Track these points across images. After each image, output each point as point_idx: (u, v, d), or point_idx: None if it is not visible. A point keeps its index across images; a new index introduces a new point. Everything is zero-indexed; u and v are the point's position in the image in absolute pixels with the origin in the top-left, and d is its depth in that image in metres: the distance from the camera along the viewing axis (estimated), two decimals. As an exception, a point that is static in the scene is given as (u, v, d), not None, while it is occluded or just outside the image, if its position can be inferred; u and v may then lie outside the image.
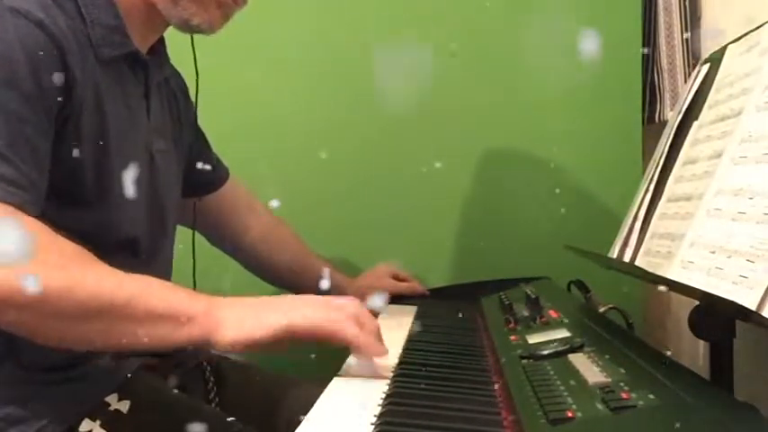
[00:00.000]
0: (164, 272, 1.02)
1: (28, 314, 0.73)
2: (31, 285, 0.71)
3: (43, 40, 0.78)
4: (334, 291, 1.34)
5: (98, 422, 0.83)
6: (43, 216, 0.81)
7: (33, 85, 0.77)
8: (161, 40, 1.02)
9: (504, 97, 1.48)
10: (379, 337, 0.82)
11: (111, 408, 0.85)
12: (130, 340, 0.77)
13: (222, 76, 1.26)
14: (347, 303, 0.83)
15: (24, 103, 0.76)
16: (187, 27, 0.94)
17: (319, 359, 0.84)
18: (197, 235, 1.22)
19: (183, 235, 1.19)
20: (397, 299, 1.35)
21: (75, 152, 0.83)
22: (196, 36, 1.04)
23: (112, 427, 0.83)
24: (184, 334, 0.77)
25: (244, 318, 0.78)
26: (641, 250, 0.96)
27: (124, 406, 0.85)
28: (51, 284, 0.72)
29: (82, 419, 0.83)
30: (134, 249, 0.93)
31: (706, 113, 0.94)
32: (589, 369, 0.72)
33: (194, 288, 1.16)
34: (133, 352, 0.90)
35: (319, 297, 0.83)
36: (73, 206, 0.84)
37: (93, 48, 0.85)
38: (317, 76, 1.48)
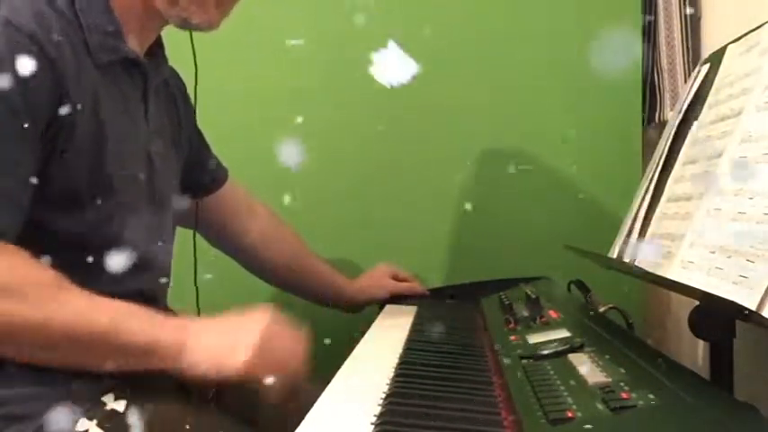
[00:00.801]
0: (162, 274, 1.02)
1: (6, 346, 0.78)
2: (10, 319, 0.75)
3: (34, 53, 0.78)
4: (335, 291, 1.34)
5: (94, 421, 0.83)
6: (39, 221, 0.82)
7: (20, 99, 0.77)
8: (159, 42, 1.02)
9: (504, 97, 1.48)
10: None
11: (108, 407, 0.85)
12: (112, 367, 0.83)
13: (221, 77, 1.27)
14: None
15: (9, 116, 0.77)
16: (186, 26, 0.95)
17: (319, 359, 0.84)
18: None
19: (183, 236, 1.19)
20: (397, 299, 1.35)
21: (73, 158, 0.83)
22: (195, 36, 1.05)
23: (109, 426, 0.83)
24: (156, 365, 0.83)
25: (213, 351, 0.83)
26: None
27: (120, 405, 0.85)
28: (28, 320, 0.76)
29: (79, 418, 0.83)
30: (132, 252, 0.93)
31: (706, 113, 0.94)
32: (589, 369, 0.72)
33: (196, 287, 1.17)
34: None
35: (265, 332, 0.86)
36: (70, 210, 0.84)
37: (90, 54, 0.86)
38: (318, 76, 1.48)
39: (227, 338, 0.84)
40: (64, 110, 0.81)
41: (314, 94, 1.47)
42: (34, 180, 0.81)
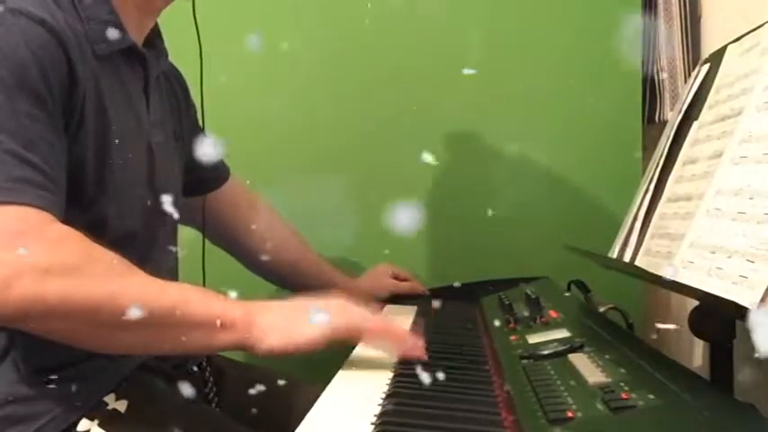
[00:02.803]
0: (166, 267, 1.02)
1: (71, 323, 0.74)
2: (76, 296, 0.73)
3: (47, 39, 0.78)
4: (335, 291, 1.34)
5: (96, 421, 0.83)
6: None
7: (43, 85, 0.77)
8: (158, 34, 1.02)
9: (503, 97, 1.48)
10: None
11: (109, 407, 0.85)
12: (172, 347, 0.81)
13: (223, 76, 1.26)
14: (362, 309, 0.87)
15: (36, 102, 0.77)
16: None
17: (319, 359, 0.84)
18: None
19: (190, 234, 1.20)
20: (397, 299, 1.35)
21: (79, 147, 0.83)
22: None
23: (110, 427, 0.83)
24: (224, 339, 0.80)
25: (281, 325, 0.81)
26: (641, 250, 0.96)
27: (122, 406, 0.85)
28: (95, 294, 0.74)
29: (80, 419, 0.83)
30: (132, 243, 0.93)
31: (706, 113, 0.94)
32: (589, 369, 0.72)
33: (203, 283, 1.17)
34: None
35: (340, 300, 0.86)
36: (72, 200, 0.84)
37: (90, 44, 0.86)
38: (317, 76, 1.48)
39: (296, 313, 0.83)
40: (76, 97, 0.81)
41: (314, 93, 1.47)
42: (65, 162, 0.81)
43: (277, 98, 1.47)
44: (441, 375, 0.76)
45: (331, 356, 0.86)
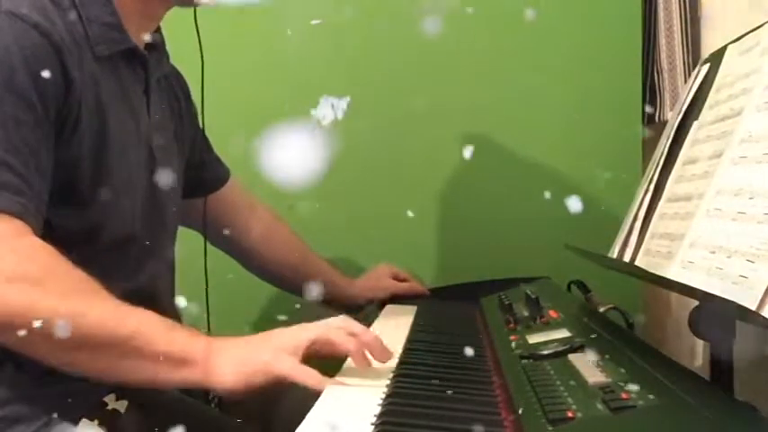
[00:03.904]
0: (166, 269, 1.02)
1: (29, 336, 0.73)
2: (34, 310, 0.72)
3: (40, 43, 0.78)
4: (335, 291, 1.34)
5: (96, 421, 0.83)
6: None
7: (31, 89, 0.77)
8: (160, 36, 1.02)
9: (503, 97, 1.48)
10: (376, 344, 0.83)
11: (109, 407, 0.85)
12: (128, 376, 0.79)
13: (223, 78, 1.26)
14: (332, 319, 0.84)
15: (23, 106, 0.76)
16: (187, 2, 0.96)
17: (319, 359, 0.84)
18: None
19: (191, 235, 1.20)
20: (397, 299, 1.35)
21: (75, 151, 0.83)
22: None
23: (110, 427, 0.83)
24: (182, 376, 0.78)
25: (239, 364, 0.78)
26: (641, 250, 0.96)
27: (122, 406, 0.85)
28: (55, 311, 0.73)
29: (80, 419, 0.83)
30: (132, 245, 0.93)
31: (706, 113, 0.94)
32: (589, 369, 0.72)
33: (206, 286, 1.17)
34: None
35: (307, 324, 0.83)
36: (70, 203, 0.84)
37: (90, 46, 0.85)
38: (317, 75, 1.48)
39: (253, 345, 0.81)
40: (70, 100, 0.81)
41: (316, 91, 1.47)
42: (51, 168, 0.80)
43: (279, 98, 1.47)
44: (441, 375, 0.76)
45: (331, 356, 0.86)
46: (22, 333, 0.72)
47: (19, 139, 0.76)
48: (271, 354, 0.78)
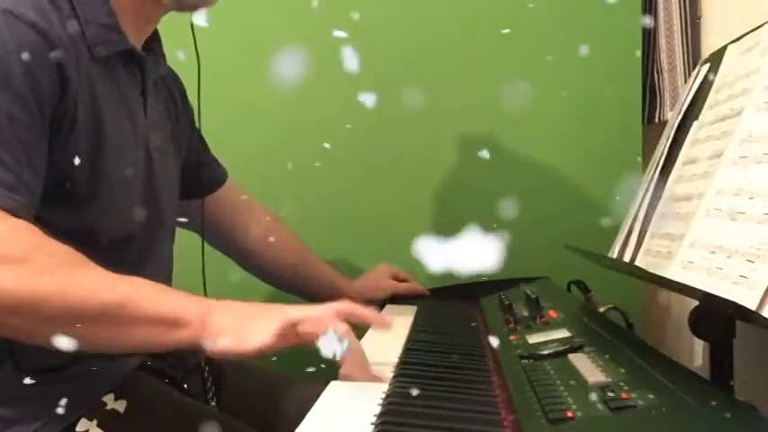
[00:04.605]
0: (163, 270, 1.02)
1: (19, 317, 0.73)
2: (22, 289, 0.71)
3: (36, 41, 0.78)
4: (335, 292, 1.34)
5: (95, 422, 0.83)
6: (37, 216, 0.81)
7: (26, 86, 0.77)
8: (157, 38, 1.02)
9: (504, 97, 1.48)
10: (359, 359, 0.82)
11: (108, 407, 0.85)
12: (123, 343, 0.78)
13: (221, 78, 1.26)
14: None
15: (17, 103, 0.76)
16: (183, 7, 0.95)
17: (319, 359, 0.84)
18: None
19: (189, 236, 1.19)
20: (397, 299, 1.35)
21: (71, 150, 0.83)
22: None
23: (109, 427, 0.83)
24: (176, 337, 0.77)
25: (235, 327, 0.77)
26: (641, 250, 0.96)
27: (121, 406, 0.85)
28: (43, 288, 0.72)
29: (79, 419, 0.83)
30: (130, 246, 0.93)
31: (706, 113, 0.94)
32: (589, 369, 0.72)
33: (204, 287, 1.17)
34: (130, 353, 0.90)
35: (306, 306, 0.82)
36: (66, 204, 0.84)
37: (88, 46, 0.85)
38: (317, 76, 1.47)
39: (252, 313, 0.80)
40: (66, 100, 0.81)
41: (313, 92, 1.47)
42: (44, 165, 0.80)
43: (275, 100, 1.47)
44: (441, 375, 0.76)
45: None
46: (14, 314, 0.72)
47: (12, 135, 0.76)
48: (271, 324, 0.77)
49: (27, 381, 0.82)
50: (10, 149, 0.76)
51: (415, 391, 0.71)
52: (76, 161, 0.84)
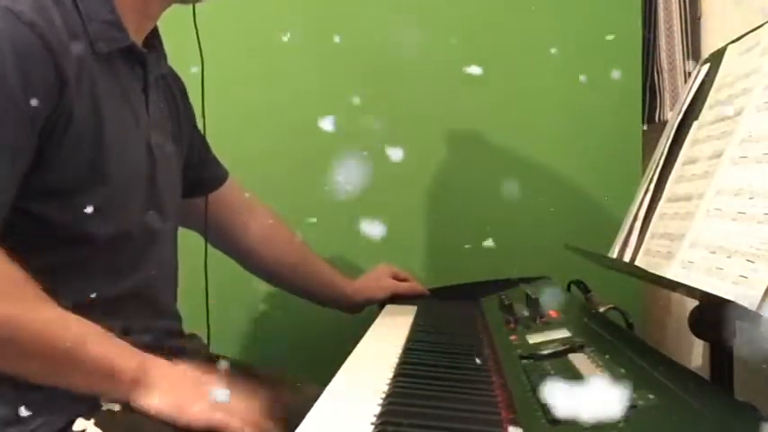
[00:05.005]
0: (165, 270, 1.02)
1: None
2: None
3: (33, 42, 0.78)
4: (335, 291, 1.34)
5: (92, 421, 0.83)
6: (36, 213, 0.82)
7: (19, 88, 0.77)
8: (157, 35, 1.02)
9: (503, 97, 1.48)
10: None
11: (105, 407, 0.85)
12: (65, 384, 0.80)
13: (221, 80, 1.26)
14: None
15: (7, 104, 0.76)
16: None
17: (319, 359, 0.84)
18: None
19: (190, 235, 1.20)
20: (397, 299, 1.35)
21: (69, 150, 0.83)
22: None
23: (106, 426, 0.83)
24: (112, 390, 0.81)
25: (172, 392, 0.81)
26: (641, 250, 0.96)
27: (117, 405, 0.85)
28: None
29: (75, 418, 0.83)
30: (129, 245, 0.93)
31: (706, 113, 0.94)
32: (589, 369, 0.72)
33: (206, 284, 1.17)
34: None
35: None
36: (65, 202, 0.84)
37: (90, 43, 0.85)
38: (317, 75, 1.48)
39: (188, 386, 0.83)
40: (63, 100, 0.81)
41: (314, 91, 1.47)
42: (24, 166, 0.80)
43: (276, 99, 1.47)
44: (441, 375, 0.76)
45: (331, 356, 0.86)
46: None
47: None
48: (205, 407, 0.80)
49: (24, 382, 0.82)
50: None
51: (414, 391, 0.71)
52: (75, 159, 0.84)
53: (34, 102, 0.78)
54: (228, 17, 1.43)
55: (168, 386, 0.82)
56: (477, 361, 0.63)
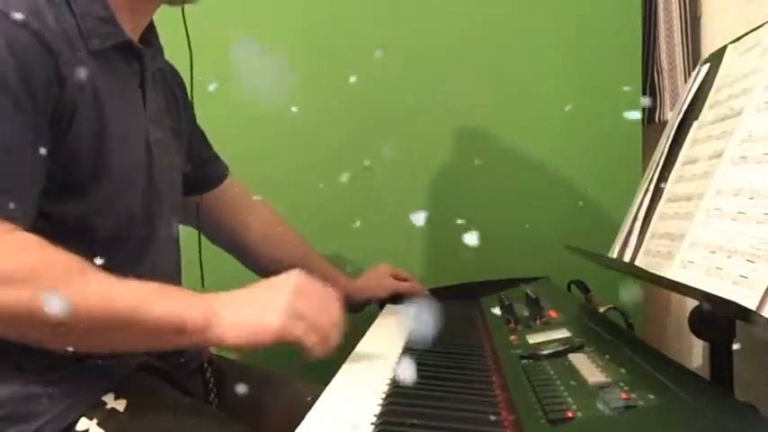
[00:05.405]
0: (164, 267, 1.02)
1: (34, 328, 0.75)
2: (34, 304, 0.72)
3: (30, 42, 0.78)
4: (335, 290, 1.34)
5: (95, 420, 0.83)
6: (39, 210, 0.81)
7: (21, 87, 0.77)
8: (153, 31, 1.02)
9: (503, 97, 1.48)
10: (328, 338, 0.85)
11: (108, 406, 0.85)
12: (132, 347, 0.83)
13: (218, 75, 1.26)
14: (311, 310, 0.85)
15: (12, 104, 0.76)
16: (174, 0, 0.97)
17: (319, 359, 0.84)
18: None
19: (187, 232, 1.19)
20: (397, 299, 1.35)
21: (72, 146, 0.83)
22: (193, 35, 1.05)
23: (109, 426, 0.83)
24: (184, 341, 0.81)
25: (243, 321, 0.81)
26: (641, 250, 0.96)
27: (121, 405, 0.85)
28: (54, 302, 0.73)
29: (79, 418, 0.83)
30: (128, 241, 0.93)
31: (706, 113, 0.94)
32: (589, 369, 0.72)
33: (202, 284, 1.17)
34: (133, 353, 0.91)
35: (296, 291, 0.85)
36: (66, 197, 0.84)
37: (84, 41, 0.85)
38: (316, 72, 1.48)
39: (255, 305, 0.83)
40: (64, 98, 0.81)
41: (313, 87, 1.47)
42: (42, 167, 0.81)
43: (275, 96, 1.47)
44: (441, 375, 0.76)
45: (331, 356, 0.86)
46: (29, 328, 0.74)
47: (7, 138, 0.76)
48: (279, 317, 0.81)
49: (27, 380, 0.82)
50: (9, 154, 0.76)
51: (414, 392, 0.71)
52: (79, 155, 0.84)
53: (37, 102, 0.78)
54: (221, 14, 1.43)
55: (236, 316, 0.81)
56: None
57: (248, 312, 0.82)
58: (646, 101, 1.48)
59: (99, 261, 0.82)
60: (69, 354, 0.80)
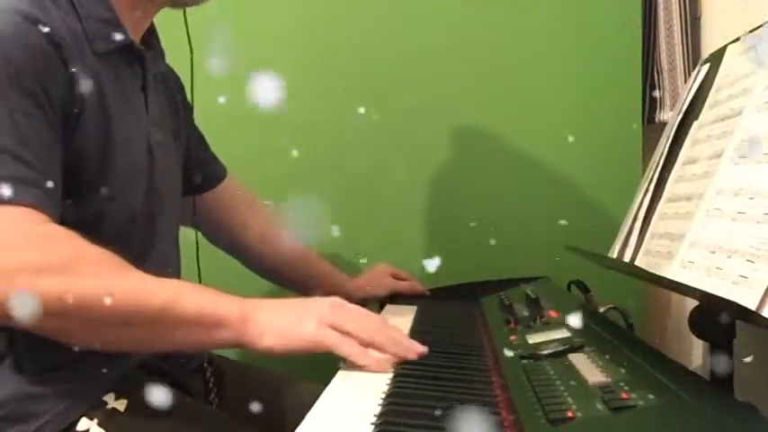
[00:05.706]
0: (169, 263, 1.02)
1: (64, 321, 0.74)
2: (68, 294, 0.72)
3: (41, 39, 0.78)
4: (334, 289, 1.34)
5: (95, 420, 0.83)
6: None
7: (37, 83, 0.77)
8: (154, 34, 1.02)
9: (504, 97, 1.48)
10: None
11: (109, 406, 0.85)
12: (165, 344, 0.82)
13: (221, 83, 1.26)
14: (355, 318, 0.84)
15: (30, 100, 0.77)
16: (177, 3, 0.97)
17: (319, 359, 0.84)
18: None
19: (186, 233, 1.19)
20: (396, 299, 1.35)
21: (78, 144, 0.83)
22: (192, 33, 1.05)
23: (110, 426, 0.83)
24: (218, 338, 0.80)
25: (278, 325, 0.80)
26: (641, 250, 0.96)
27: (121, 405, 0.85)
28: (85, 293, 0.73)
29: (79, 418, 0.83)
30: (131, 242, 0.93)
31: (706, 113, 0.94)
32: (589, 369, 0.72)
33: (199, 280, 1.17)
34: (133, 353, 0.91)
35: (333, 305, 0.84)
36: (71, 195, 0.84)
37: (89, 42, 0.86)
38: (315, 72, 1.48)
39: (292, 313, 0.82)
40: (73, 95, 0.81)
41: (312, 88, 1.47)
42: (60, 160, 0.81)
43: (275, 96, 1.47)
44: (441, 375, 0.76)
45: (331, 356, 0.86)
46: (58, 319, 0.73)
47: (29, 131, 0.77)
48: (315, 324, 0.80)
49: (28, 380, 0.82)
50: (29, 146, 0.76)
51: (414, 391, 0.71)
52: (84, 154, 0.84)
53: (52, 98, 0.79)
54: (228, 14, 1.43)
55: (272, 319, 0.81)
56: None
57: (284, 318, 0.81)
58: (646, 101, 1.48)
59: None
60: (70, 354, 0.80)
